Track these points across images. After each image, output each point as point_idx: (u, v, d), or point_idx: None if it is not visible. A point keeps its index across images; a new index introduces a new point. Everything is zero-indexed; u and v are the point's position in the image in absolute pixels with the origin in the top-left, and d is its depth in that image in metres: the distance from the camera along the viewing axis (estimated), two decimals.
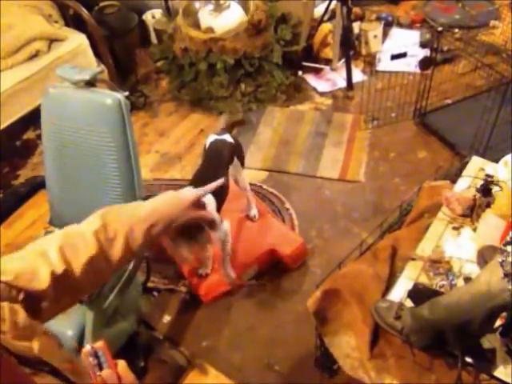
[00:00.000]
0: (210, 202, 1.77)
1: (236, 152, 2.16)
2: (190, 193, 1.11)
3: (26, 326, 0.77)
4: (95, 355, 0.83)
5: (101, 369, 0.84)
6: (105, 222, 0.99)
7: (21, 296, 0.82)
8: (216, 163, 2.05)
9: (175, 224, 1.08)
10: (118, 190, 1.75)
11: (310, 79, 3.41)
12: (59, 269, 0.88)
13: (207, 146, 2.14)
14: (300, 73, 3.42)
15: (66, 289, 0.90)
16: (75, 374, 0.81)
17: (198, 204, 1.12)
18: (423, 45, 3.30)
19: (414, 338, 1.48)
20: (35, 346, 0.76)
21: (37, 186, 1.95)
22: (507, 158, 1.89)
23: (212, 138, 2.16)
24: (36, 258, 0.86)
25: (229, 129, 2.38)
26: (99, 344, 0.85)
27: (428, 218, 1.85)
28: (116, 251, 0.98)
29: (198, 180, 1.92)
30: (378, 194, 2.67)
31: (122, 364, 0.88)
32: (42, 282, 0.84)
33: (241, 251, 2.34)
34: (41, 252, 0.87)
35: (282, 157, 2.94)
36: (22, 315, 0.77)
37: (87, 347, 0.83)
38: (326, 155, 2.91)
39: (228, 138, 2.15)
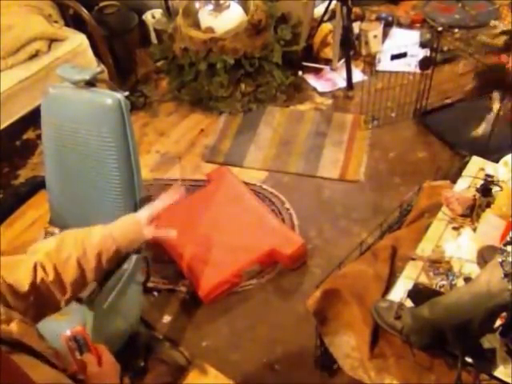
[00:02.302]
0: None
1: None
2: (144, 212, 1.14)
3: (1, 312, 0.81)
4: (75, 339, 0.86)
5: (81, 353, 0.86)
6: (60, 244, 1.02)
7: None
8: None
9: (131, 247, 1.12)
10: (118, 189, 1.75)
11: (310, 79, 3.41)
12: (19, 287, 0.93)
13: None
14: (300, 73, 3.41)
15: (21, 301, 0.94)
16: (58, 358, 0.83)
17: (154, 221, 1.15)
18: (423, 45, 3.29)
19: (414, 338, 1.48)
20: (14, 327, 0.78)
21: (37, 186, 1.94)
22: (507, 158, 1.89)
23: None
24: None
25: None
26: (78, 328, 0.87)
27: (428, 217, 1.85)
28: (68, 274, 1.00)
29: None
30: (378, 194, 2.67)
31: (101, 347, 0.90)
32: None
33: (241, 250, 2.34)
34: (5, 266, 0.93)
35: (282, 157, 2.94)
36: None
37: (66, 332, 0.86)
38: (325, 155, 2.91)
39: None
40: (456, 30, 3.53)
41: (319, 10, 3.33)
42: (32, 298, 0.95)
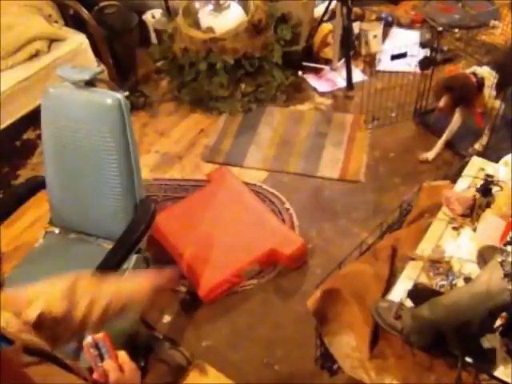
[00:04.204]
0: None
1: None
2: (150, 282, 1.09)
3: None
4: (96, 346, 0.85)
5: (102, 360, 0.85)
6: (75, 285, 0.99)
7: None
8: None
9: (133, 309, 1.10)
10: (118, 189, 1.75)
11: (310, 79, 3.41)
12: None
13: None
14: (300, 73, 3.41)
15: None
16: (77, 367, 0.83)
17: (159, 290, 1.13)
18: (423, 45, 3.30)
19: (414, 338, 1.48)
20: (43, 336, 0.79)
21: (37, 185, 1.95)
22: (507, 158, 1.89)
23: None
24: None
25: None
26: (100, 335, 0.86)
27: (428, 217, 1.85)
28: (74, 318, 0.97)
29: None
30: (378, 194, 2.67)
31: (122, 354, 0.89)
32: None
33: (241, 250, 2.34)
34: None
35: (281, 157, 2.94)
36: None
37: (88, 339, 0.85)
38: (325, 155, 2.91)
39: None
40: (456, 30, 3.53)
41: (319, 10, 3.32)
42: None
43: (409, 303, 1.57)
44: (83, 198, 1.85)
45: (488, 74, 2.46)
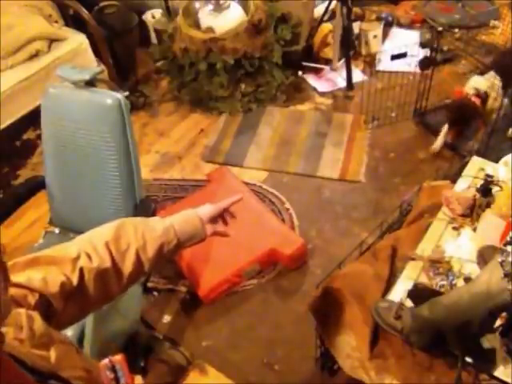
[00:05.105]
0: None
1: None
2: (207, 210, 1.12)
3: (42, 334, 0.75)
4: (113, 369, 0.83)
5: (118, 382, 0.83)
6: (118, 233, 0.99)
7: (34, 299, 0.82)
8: None
9: (191, 242, 1.09)
10: (118, 189, 1.75)
11: (310, 79, 3.41)
12: (71, 277, 0.89)
13: None
14: (300, 73, 3.41)
15: (74, 298, 0.90)
16: (91, 383, 0.79)
17: (215, 220, 1.14)
18: (423, 45, 3.30)
19: (414, 338, 1.48)
20: (53, 354, 0.74)
21: (37, 185, 1.94)
22: (507, 157, 1.89)
23: None
24: (49, 266, 0.88)
25: None
26: (118, 357, 0.84)
27: (428, 217, 1.85)
28: (127, 264, 0.97)
29: None
30: (378, 194, 2.67)
31: (138, 380, 0.87)
32: (52, 286, 0.85)
33: (241, 250, 2.34)
34: (54, 261, 0.89)
35: (281, 157, 2.94)
36: (38, 322, 0.76)
37: (105, 360, 0.83)
38: (325, 155, 2.91)
39: None
40: (456, 30, 3.53)
41: (319, 10, 3.32)
42: (74, 291, 0.91)
43: (409, 303, 1.57)
44: (83, 198, 1.85)
45: (490, 83, 2.49)
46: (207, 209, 1.13)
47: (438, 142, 2.77)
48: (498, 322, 1.42)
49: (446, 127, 2.74)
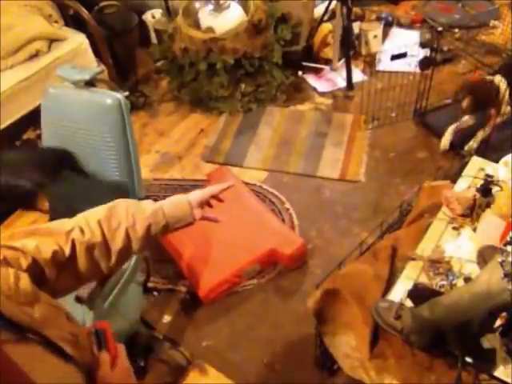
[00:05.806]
0: None
1: None
2: (196, 195, 1.17)
3: (28, 292, 0.79)
4: (96, 334, 0.85)
5: (100, 348, 0.84)
6: (111, 213, 1.05)
7: (27, 262, 0.88)
8: None
9: (179, 225, 1.13)
10: (118, 190, 1.75)
11: (310, 79, 3.41)
12: (63, 248, 0.96)
13: None
14: (300, 73, 3.42)
15: (66, 268, 0.96)
16: (76, 346, 0.80)
17: (203, 205, 1.18)
18: (423, 45, 3.30)
19: (414, 338, 1.48)
20: (37, 311, 0.76)
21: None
22: (507, 158, 1.89)
23: None
24: (45, 236, 0.95)
25: None
26: (102, 323, 0.87)
27: (428, 217, 1.85)
28: (116, 241, 1.03)
29: None
30: (378, 194, 2.67)
31: (121, 349, 0.89)
32: (44, 253, 0.91)
33: (241, 250, 2.34)
34: (50, 232, 0.96)
35: (281, 157, 2.94)
36: (25, 281, 0.80)
37: (89, 325, 0.86)
38: (325, 155, 2.91)
39: None
40: (456, 30, 3.53)
41: (319, 10, 3.33)
42: (66, 261, 0.96)
43: (409, 303, 1.57)
44: (83, 197, 1.85)
45: (502, 83, 2.51)
46: (197, 194, 1.18)
47: (446, 140, 2.75)
48: (498, 322, 1.42)
49: (453, 125, 2.73)
